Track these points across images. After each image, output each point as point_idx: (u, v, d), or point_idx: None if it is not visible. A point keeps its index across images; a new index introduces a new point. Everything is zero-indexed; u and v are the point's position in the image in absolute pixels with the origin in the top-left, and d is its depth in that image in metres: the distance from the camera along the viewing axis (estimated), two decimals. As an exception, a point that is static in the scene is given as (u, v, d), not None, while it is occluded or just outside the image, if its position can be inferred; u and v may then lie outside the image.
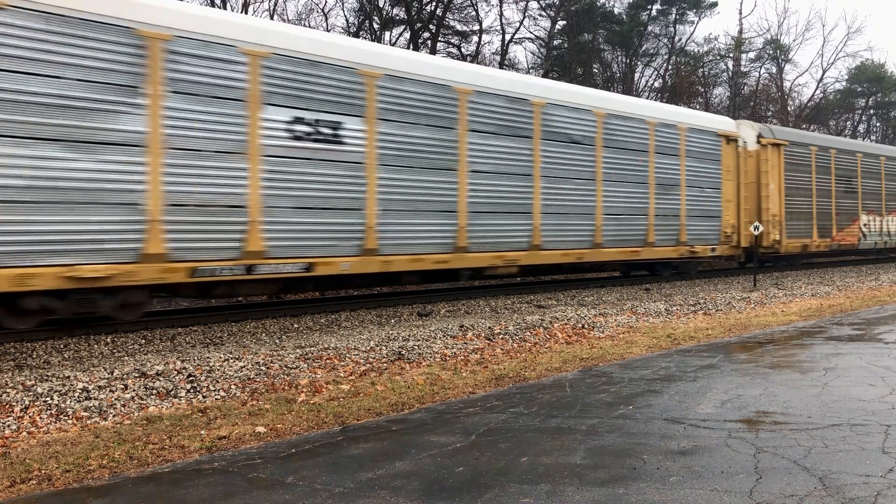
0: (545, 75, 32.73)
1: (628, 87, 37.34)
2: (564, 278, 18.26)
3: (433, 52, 30.04)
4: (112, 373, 6.81)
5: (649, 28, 39.48)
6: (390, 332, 9.49)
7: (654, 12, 39.37)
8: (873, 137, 51.56)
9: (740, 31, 45.28)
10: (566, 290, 15.62)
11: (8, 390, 6.15)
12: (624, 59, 39.38)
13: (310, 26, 28.98)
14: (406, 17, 30.29)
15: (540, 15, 36.71)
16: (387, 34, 31.33)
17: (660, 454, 4.66)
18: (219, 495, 4.13)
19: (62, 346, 8.67)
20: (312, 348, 8.17)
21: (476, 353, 8.40)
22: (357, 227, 11.18)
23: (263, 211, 10.11)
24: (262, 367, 7.26)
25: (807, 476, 4.18)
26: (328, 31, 29.28)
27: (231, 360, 7.44)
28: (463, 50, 33.26)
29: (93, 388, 6.29)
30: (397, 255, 11.68)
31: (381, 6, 30.53)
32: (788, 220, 20.75)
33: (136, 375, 6.74)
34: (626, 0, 38.68)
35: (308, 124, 10.61)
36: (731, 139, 18.96)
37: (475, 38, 33.60)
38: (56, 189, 8.44)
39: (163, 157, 9.23)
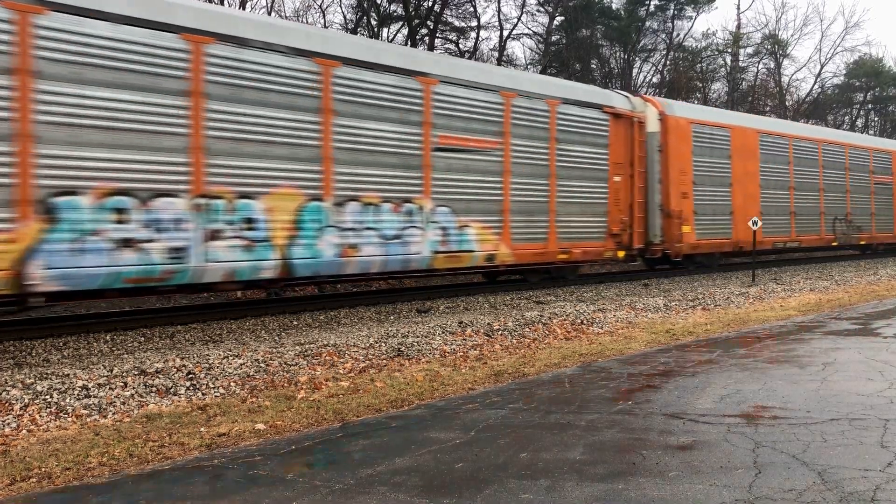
0: (543, 71, 32.69)
1: (626, 83, 37.32)
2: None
3: (431, 48, 30.00)
4: (111, 370, 6.81)
5: (647, 23, 39.46)
6: (389, 328, 9.50)
7: (651, 8, 39.34)
8: (871, 132, 51.59)
9: (738, 26, 45.29)
10: (565, 286, 15.63)
11: (8, 388, 6.15)
12: (622, 55, 39.36)
13: (307, 22, 28.94)
14: (404, 13, 30.24)
15: (538, 11, 36.68)
16: (384, 31, 31.30)
17: (659, 449, 4.67)
18: (219, 493, 4.14)
19: (61, 343, 8.67)
20: (312, 345, 8.17)
21: (475, 350, 8.41)
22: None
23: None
24: (262, 365, 7.26)
25: (806, 470, 4.19)
26: (326, 27, 29.25)
27: (230, 358, 7.44)
28: (461, 46, 33.24)
29: (92, 386, 6.29)
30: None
31: (379, 3, 30.48)
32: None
33: (136, 373, 6.75)
34: (624, -5, 38.66)
35: None
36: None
37: (473, 34, 33.58)
38: None
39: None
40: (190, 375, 6.79)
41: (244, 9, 26.50)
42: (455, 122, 12.54)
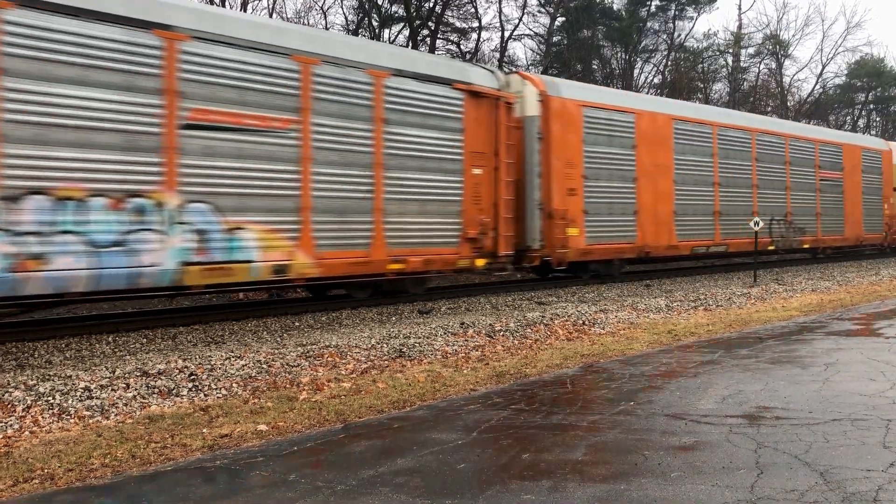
0: (545, 72, 32.70)
1: (628, 83, 37.32)
2: (564, 274, 18.16)
3: (432, 49, 30.02)
4: (114, 372, 6.82)
5: (648, 24, 39.49)
6: (391, 329, 9.50)
7: (653, 8, 39.38)
8: (873, 132, 51.54)
9: (739, 27, 45.33)
10: (566, 286, 15.62)
11: (10, 390, 6.16)
12: (623, 56, 39.36)
13: (308, 24, 28.96)
14: (405, 14, 30.26)
15: (539, 11, 36.72)
16: (386, 32, 31.34)
17: (661, 450, 4.67)
18: (221, 494, 4.14)
19: (64, 345, 8.68)
20: (314, 346, 8.18)
21: (477, 350, 8.41)
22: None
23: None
24: (264, 366, 7.26)
25: (808, 471, 4.19)
26: (327, 28, 29.27)
27: (232, 359, 7.45)
28: (462, 47, 33.26)
29: (95, 388, 6.30)
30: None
31: (380, 4, 30.51)
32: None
33: (138, 374, 6.75)
34: (625, -4, 38.71)
35: None
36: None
37: (474, 35, 33.60)
38: None
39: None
40: (192, 376, 6.79)
41: (245, 10, 26.53)
42: (221, 92, 9.53)
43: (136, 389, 6.35)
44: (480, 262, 12.88)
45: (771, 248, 20.35)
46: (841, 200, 23.05)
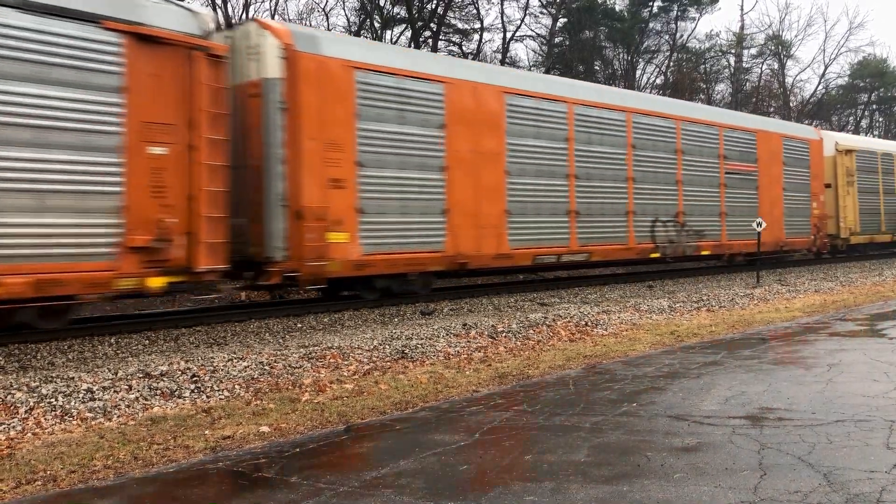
0: (546, 72, 32.69)
1: (630, 84, 37.30)
2: (567, 275, 18.16)
3: (434, 50, 30.03)
4: (116, 373, 6.82)
5: (650, 25, 39.48)
6: (393, 330, 9.49)
7: (655, 9, 39.39)
8: (876, 133, 51.47)
9: (742, 27, 45.30)
10: (569, 287, 15.61)
11: (13, 391, 6.17)
12: (625, 57, 39.36)
13: (311, 25, 28.99)
14: (407, 15, 30.28)
15: (541, 13, 36.80)
16: (388, 33, 31.35)
17: (664, 451, 4.66)
18: (223, 495, 4.14)
19: (66, 346, 8.69)
20: (316, 347, 8.18)
21: (479, 352, 8.40)
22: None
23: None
24: (266, 367, 7.26)
25: (811, 472, 4.17)
26: (329, 30, 29.29)
27: (235, 360, 7.45)
28: (464, 48, 33.28)
29: (97, 389, 6.30)
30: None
31: (382, 5, 30.54)
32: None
33: (141, 376, 6.76)
34: (627, -3, 38.72)
35: None
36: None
37: (476, 37, 33.63)
38: None
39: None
40: (194, 378, 6.79)
41: (247, 13, 26.55)
42: None
43: (138, 391, 6.35)
44: (157, 282, 9.04)
45: (655, 255, 16.46)
46: (755, 198, 19.37)
